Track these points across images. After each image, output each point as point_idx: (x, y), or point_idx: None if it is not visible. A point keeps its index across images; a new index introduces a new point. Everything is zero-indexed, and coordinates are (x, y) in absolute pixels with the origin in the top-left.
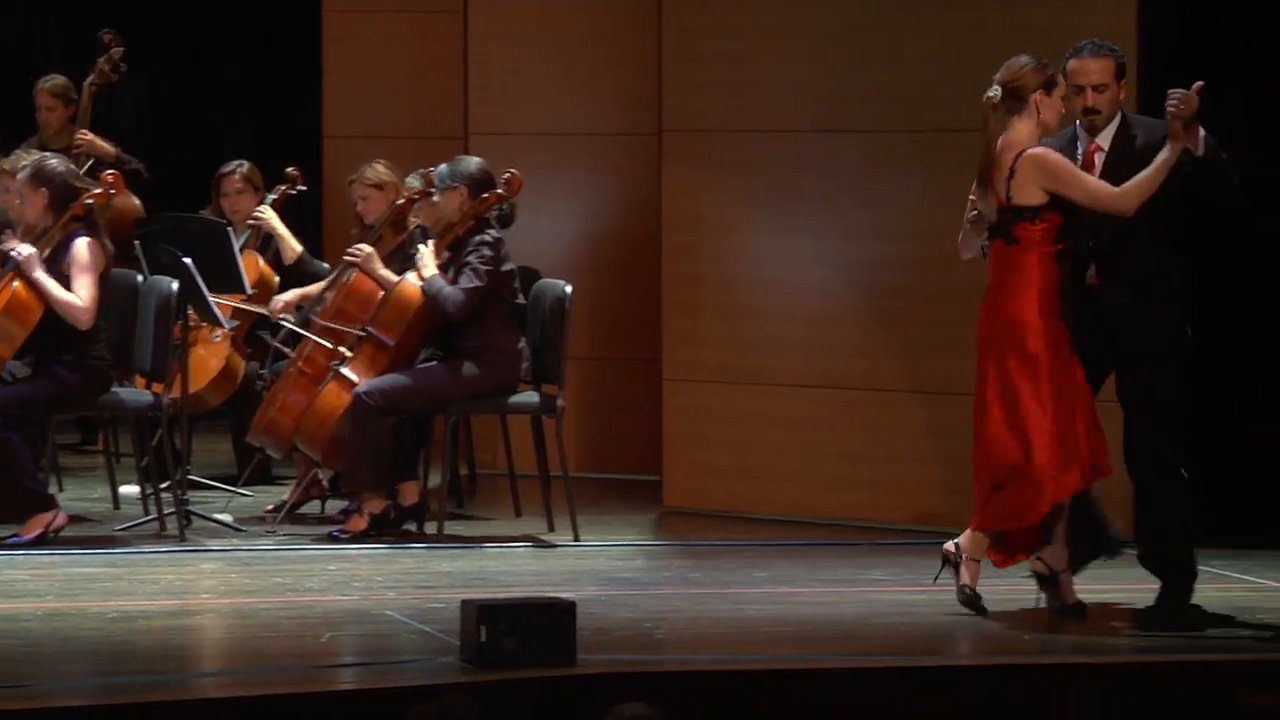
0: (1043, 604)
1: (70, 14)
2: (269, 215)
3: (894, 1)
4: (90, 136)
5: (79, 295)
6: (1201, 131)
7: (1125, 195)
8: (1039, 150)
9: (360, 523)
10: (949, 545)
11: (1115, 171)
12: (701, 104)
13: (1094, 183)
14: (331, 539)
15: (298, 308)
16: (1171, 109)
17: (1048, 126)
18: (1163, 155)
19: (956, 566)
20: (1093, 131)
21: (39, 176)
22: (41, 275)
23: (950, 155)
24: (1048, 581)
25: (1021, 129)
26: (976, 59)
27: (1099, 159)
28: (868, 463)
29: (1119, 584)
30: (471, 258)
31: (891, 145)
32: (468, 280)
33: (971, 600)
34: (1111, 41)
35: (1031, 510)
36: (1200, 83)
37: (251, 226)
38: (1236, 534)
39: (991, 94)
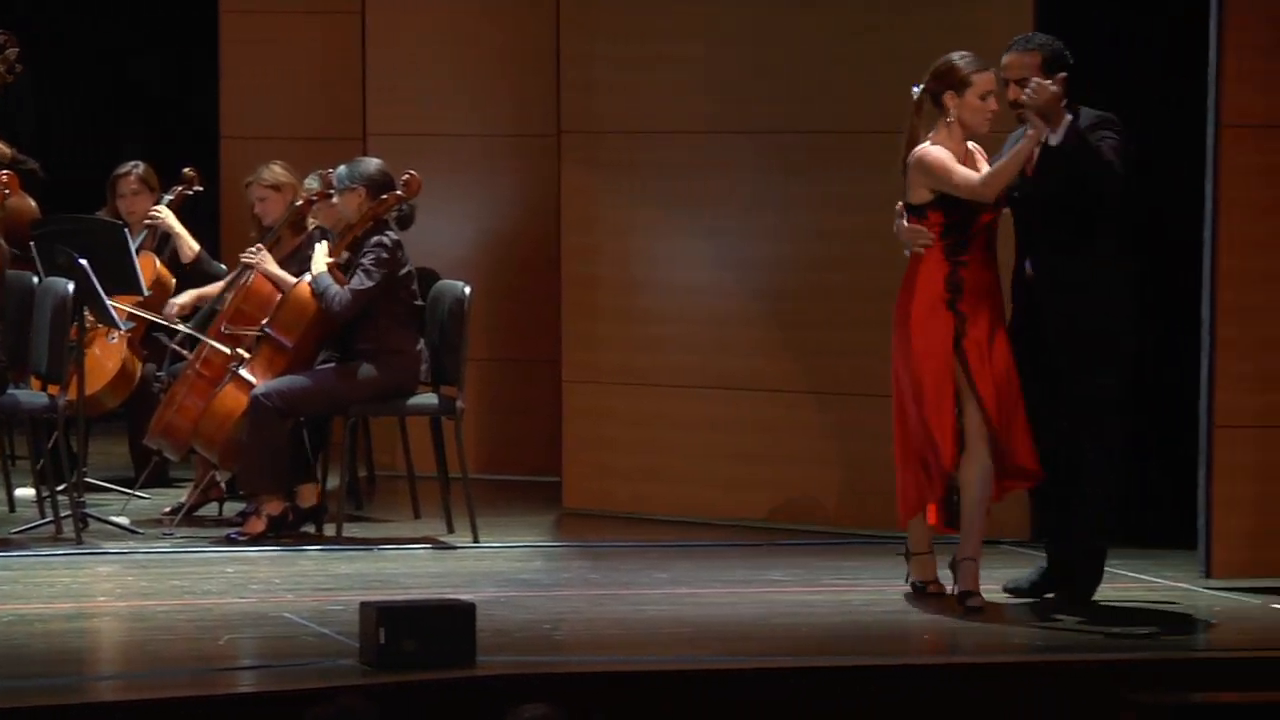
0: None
1: None
2: (166, 215)
3: (789, 4)
4: None
5: None
6: (1069, 119)
7: (984, 184)
8: (922, 148)
9: (258, 525)
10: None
11: (1046, 165)
12: (599, 105)
13: (961, 174)
14: (229, 541)
15: (195, 309)
16: (1025, 99)
17: (969, 127)
18: (1019, 143)
19: (907, 559)
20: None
21: None
22: None
23: (845, 157)
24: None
25: (941, 130)
26: (871, 61)
27: (1036, 153)
28: (766, 464)
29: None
30: (366, 259)
31: (786, 147)
32: (359, 281)
33: (917, 593)
34: (1040, 35)
35: (920, 498)
36: (1063, 74)
37: (148, 227)
38: (1133, 534)
39: (913, 94)
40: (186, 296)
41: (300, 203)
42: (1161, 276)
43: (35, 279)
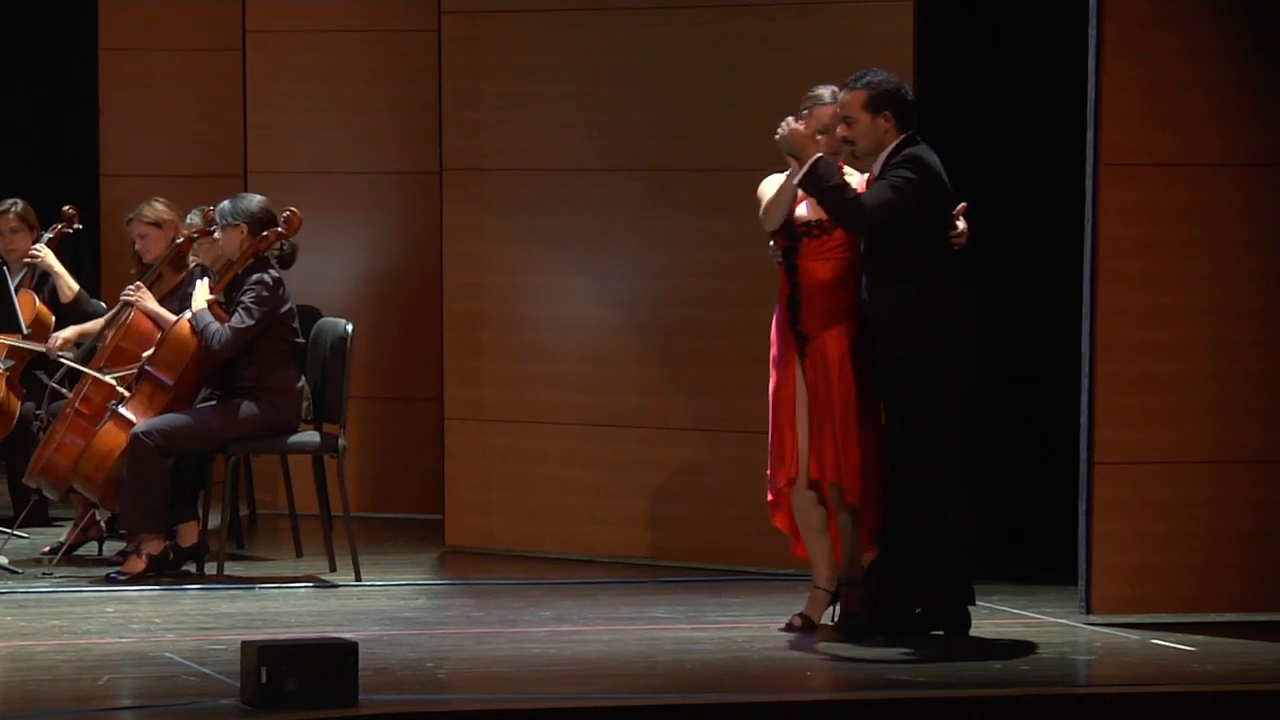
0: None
1: None
2: (45, 254)
3: (672, 43)
4: None
5: None
6: (815, 159)
7: (761, 215)
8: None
9: (139, 564)
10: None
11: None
12: (482, 142)
13: (761, 204)
14: (109, 580)
15: (76, 345)
16: (776, 138)
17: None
18: (784, 178)
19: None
20: (855, 160)
21: None
22: None
23: (723, 194)
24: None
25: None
26: (747, 99)
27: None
28: (650, 501)
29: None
30: (246, 297)
31: (667, 184)
32: (239, 319)
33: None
34: (881, 73)
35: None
36: (806, 110)
37: (27, 265)
38: (1015, 569)
39: None
40: (69, 331)
41: (181, 240)
42: (1041, 311)
43: None
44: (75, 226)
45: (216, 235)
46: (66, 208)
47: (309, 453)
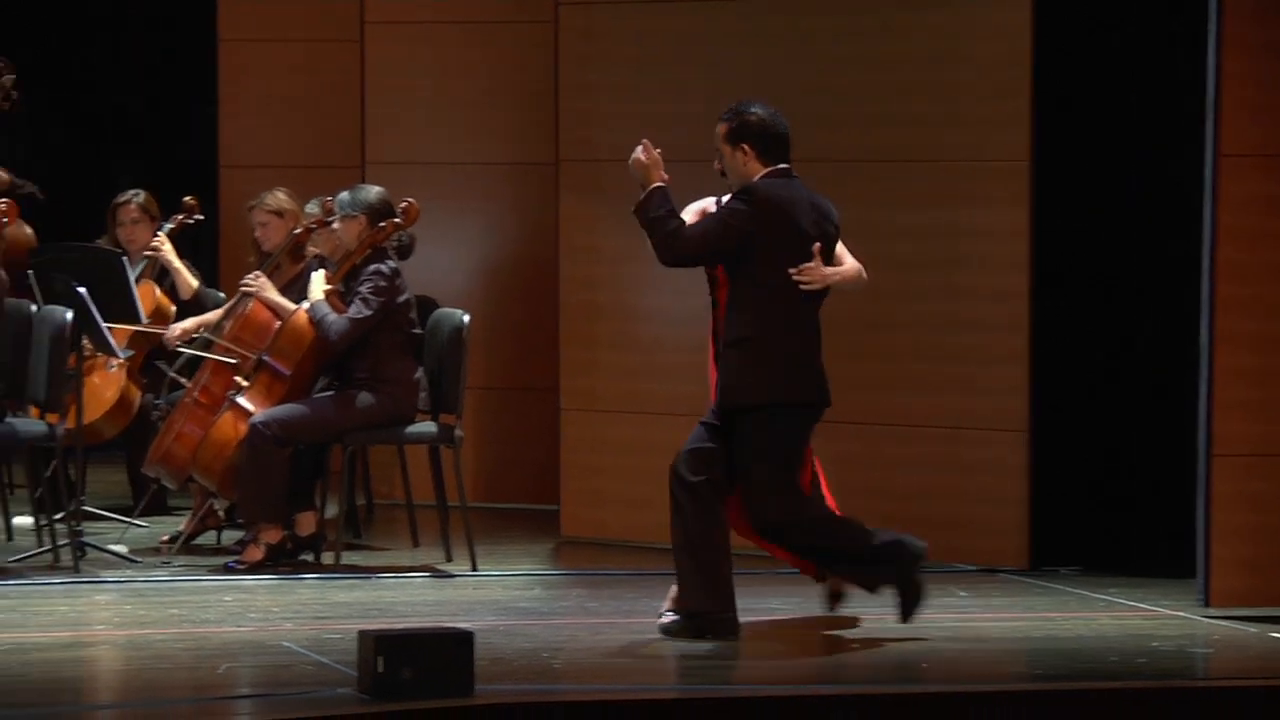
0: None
1: None
2: (166, 249)
3: (783, 33)
4: None
5: None
6: (653, 188)
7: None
8: None
9: (256, 553)
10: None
11: None
12: (597, 134)
13: None
14: (228, 570)
15: (194, 336)
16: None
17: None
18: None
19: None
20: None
21: None
22: None
23: (837, 185)
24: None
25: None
26: (868, 90)
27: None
28: None
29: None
30: (364, 287)
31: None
32: (357, 310)
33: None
34: (753, 105)
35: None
36: (644, 142)
37: (148, 257)
38: (1133, 563)
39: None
40: (188, 322)
41: (300, 230)
42: (1160, 304)
43: (34, 307)
44: (195, 218)
45: (335, 226)
46: (187, 199)
47: (425, 443)
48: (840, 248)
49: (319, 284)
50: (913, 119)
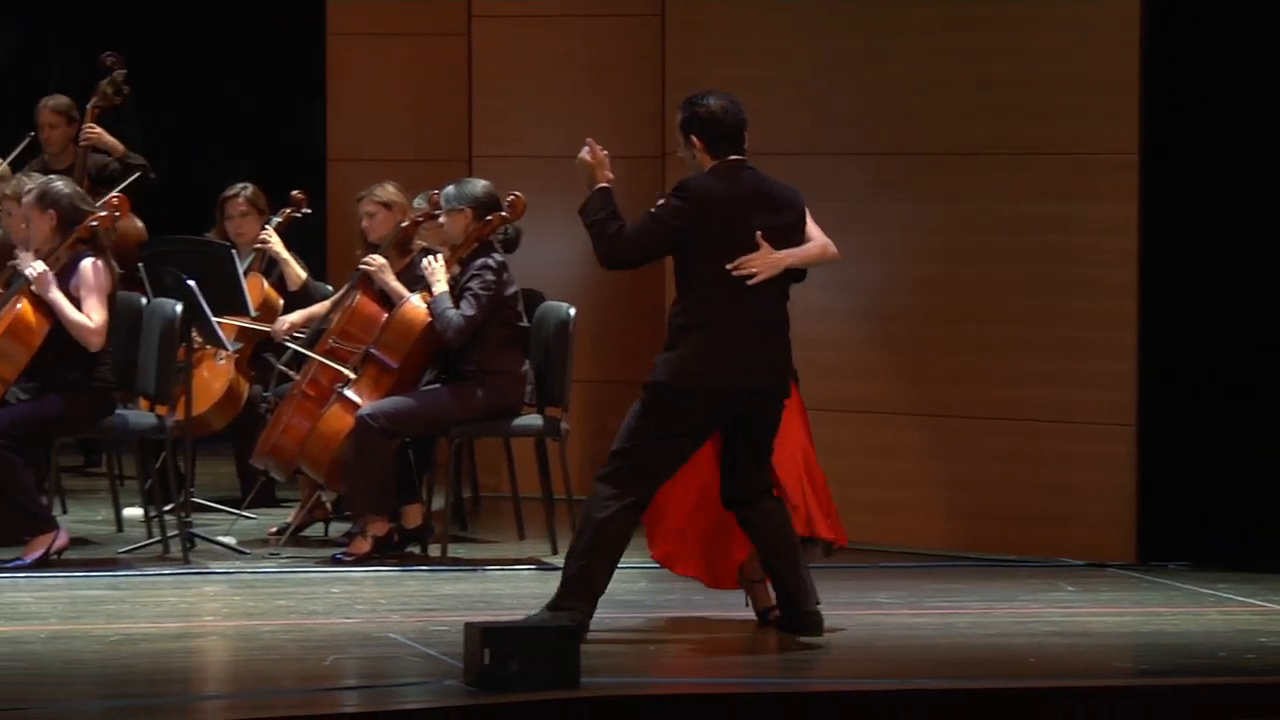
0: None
1: (71, 37)
2: (274, 240)
3: (891, 26)
4: (99, 130)
5: (90, 317)
6: (597, 188)
7: None
8: None
9: (364, 545)
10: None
11: None
12: None
13: None
14: (335, 562)
15: (303, 329)
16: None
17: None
18: None
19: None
20: None
21: (46, 198)
22: (56, 294)
23: (944, 179)
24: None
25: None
26: (975, 82)
27: None
28: (870, 486)
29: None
30: (473, 283)
31: (886, 168)
32: (468, 307)
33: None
34: (708, 96)
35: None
36: (589, 140)
37: (256, 250)
38: (1241, 557)
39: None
40: (296, 315)
41: (407, 224)
42: (1269, 298)
43: (143, 300)
44: (303, 211)
45: (441, 219)
46: (295, 192)
47: (532, 436)
48: (810, 228)
49: (442, 274)
50: (1021, 111)
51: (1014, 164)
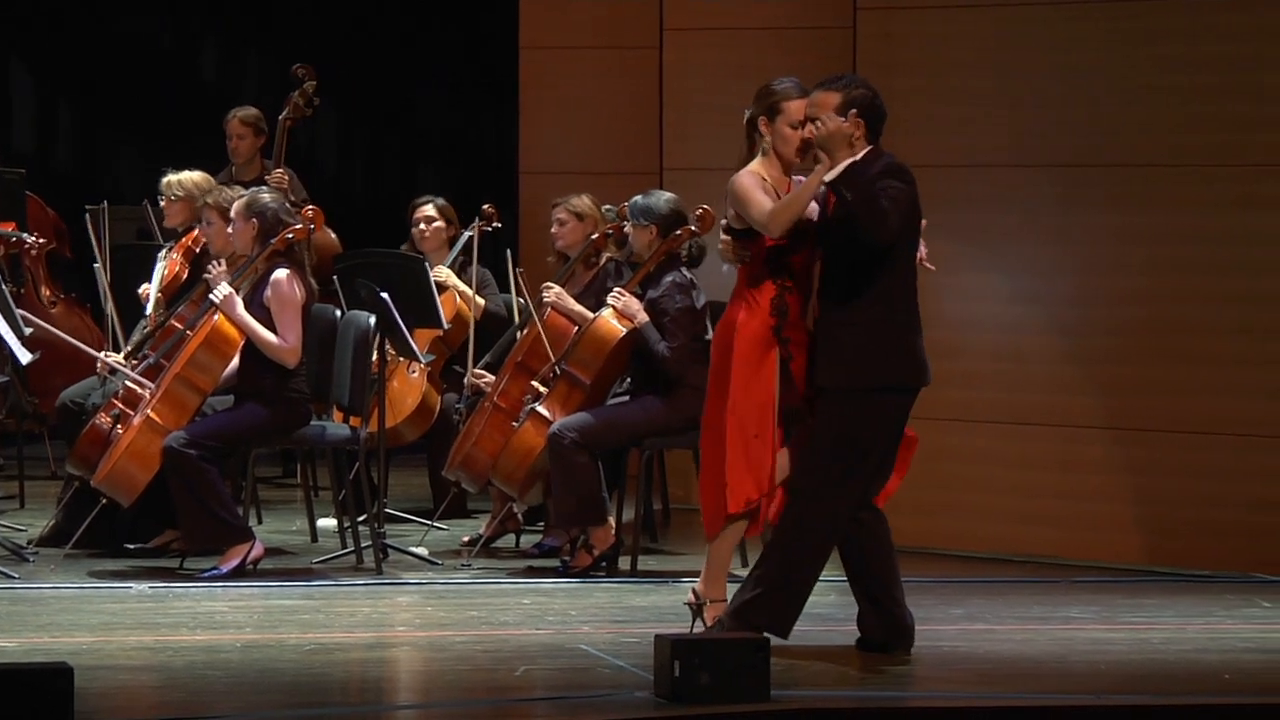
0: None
1: (266, 49)
2: (451, 278)
3: (1085, 38)
4: (285, 177)
5: (285, 336)
6: (852, 160)
7: (772, 216)
8: (736, 174)
9: (586, 559)
10: (690, 595)
11: (837, 208)
12: (897, 138)
13: (758, 204)
14: (562, 567)
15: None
16: (808, 133)
17: (781, 155)
18: (807, 181)
19: (700, 613)
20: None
21: (253, 207)
22: (244, 316)
23: (1142, 190)
24: (697, 611)
25: (759, 157)
26: (1167, 96)
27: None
28: (1059, 499)
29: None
30: (671, 307)
31: (1084, 180)
32: (672, 338)
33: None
34: (858, 79)
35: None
36: (854, 111)
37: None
38: None
39: (745, 117)
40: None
41: (597, 236)
42: None
43: (338, 312)
44: (494, 225)
45: (627, 229)
46: (486, 206)
47: None
48: None
49: (637, 308)
50: (1223, 122)
51: (1213, 175)
